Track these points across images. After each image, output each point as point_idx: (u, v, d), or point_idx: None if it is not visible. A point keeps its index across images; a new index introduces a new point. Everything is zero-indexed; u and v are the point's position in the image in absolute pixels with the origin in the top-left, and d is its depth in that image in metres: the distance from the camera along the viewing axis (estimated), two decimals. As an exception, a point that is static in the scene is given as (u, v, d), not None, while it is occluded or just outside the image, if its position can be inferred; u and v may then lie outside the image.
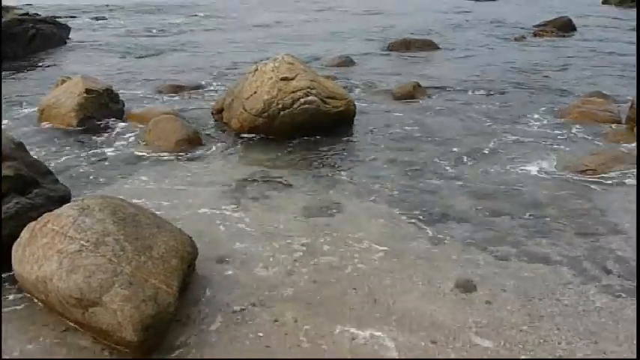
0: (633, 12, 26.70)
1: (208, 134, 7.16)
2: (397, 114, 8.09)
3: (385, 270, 3.91)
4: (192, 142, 6.71)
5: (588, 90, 9.62)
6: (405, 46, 14.73)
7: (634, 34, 18.38)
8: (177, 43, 15.67)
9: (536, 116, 8.01)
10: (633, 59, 13.38)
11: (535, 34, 18.36)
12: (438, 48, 14.60)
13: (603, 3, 31.01)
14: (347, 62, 12.36)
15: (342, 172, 5.86)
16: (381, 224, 4.61)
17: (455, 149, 6.57)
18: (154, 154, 6.38)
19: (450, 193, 5.29)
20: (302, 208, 4.91)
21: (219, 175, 5.75)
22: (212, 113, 7.85)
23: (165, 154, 6.38)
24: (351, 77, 10.76)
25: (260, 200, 5.10)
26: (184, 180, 5.64)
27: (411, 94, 8.99)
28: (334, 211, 4.89)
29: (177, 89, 9.61)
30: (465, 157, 6.28)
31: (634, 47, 15.22)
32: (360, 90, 9.64)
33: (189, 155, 6.38)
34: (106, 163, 6.16)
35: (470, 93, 9.51)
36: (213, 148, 6.68)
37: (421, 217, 4.76)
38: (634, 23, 21.93)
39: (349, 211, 4.88)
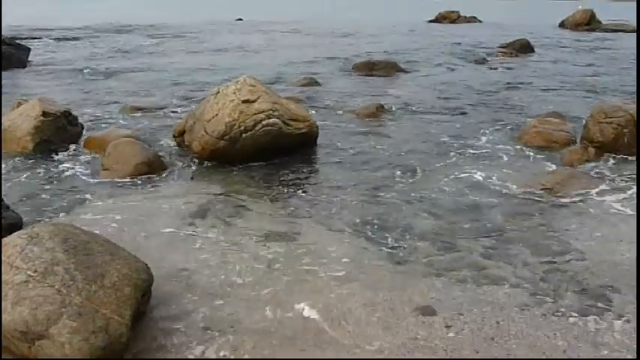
0: (587, 34, 27.82)
1: (169, 157, 7.07)
2: (360, 135, 8.16)
3: (344, 295, 3.87)
4: (153, 165, 6.60)
5: (545, 110, 9.91)
6: (369, 67, 14.93)
7: (588, 55, 19.11)
8: (141, 65, 15.55)
9: (494, 136, 8.19)
10: (587, 79, 13.89)
11: (495, 55, 18.90)
12: (401, 69, 14.85)
13: (560, 26, 32.24)
14: (312, 83, 12.45)
15: (304, 196, 5.83)
16: (341, 249, 4.57)
17: (416, 169, 6.64)
18: (112, 179, 6.25)
19: (412, 213, 5.31)
20: (263, 234, 4.84)
21: (180, 201, 5.64)
22: (174, 136, 7.76)
23: (124, 178, 6.25)
24: (316, 98, 10.83)
25: (220, 226, 5.02)
26: (143, 205, 5.52)
27: (375, 114, 9.10)
28: (295, 235, 4.84)
29: (138, 111, 9.49)
30: (426, 178, 6.34)
31: (588, 68, 15.81)
32: (324, 111, 9.70)
33: (148, 180, 6.27)
34: (62, 189, 6.00)
35: (431, 113, 9.67)
36: (174, 172, 6.59)
37: (382, 239, 4.76)
38: (588, 45, 22.81)
39: (310, 235, 4.84)
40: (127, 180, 6.21)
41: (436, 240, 4.75)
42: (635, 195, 5.80)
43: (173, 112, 9.64)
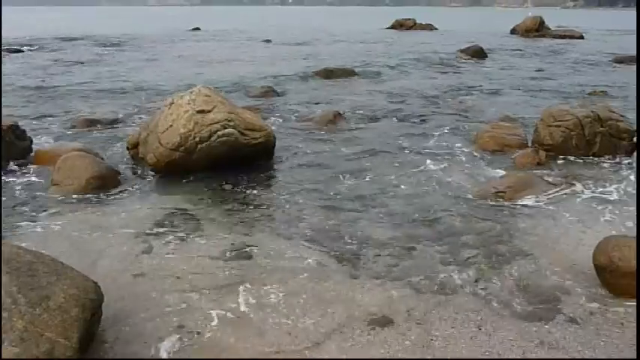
0: (537, 41, 28.73)
1: (123, 171, 6.89)
2: (318, 143, 8.15)
3: (301, 309, 3.83)
4: (105, 179, 6.41)
5: (498, 113, 10.16)
6: (327, 74, 15.04)
7: (538, 60, 19.74)
8: (94, 75, 15.20)
9: (450, 141, 8.32)
10: (537, 82, 14.34)
11: (450, 61, 19.33)
12: (360, 76, 14.99)
13: (511, 33, 33.23)
14: (270, 92, 12.41)
15: (262, 207, 5.74)
16: (299, 262, 4.50)
17: (373, 176, 6.68)
18: (62, 195, 6.03)
19: (369, 221, 5.32)
20: (219, 249, 4.71)
21: (133, 216, 5.48)
22: (127, 148, 7.58)
23: (75, 194, 6.04)
24: (274, 107, 10.80)
25: (175, 242, 4.88)
26: (95, 221, 5.34)
27: (332, 122, 9.12)
28: (253, 248, 4.74)
29: (91, 124, 9.23)
30: (383, 185, 6.37)
31: (538, 72, 16.32)
32: (281, 119, 9.67)
33: (101, 194, 6.08)
34: (9, 206, 5.75)
35: (388, 119, 9.77)
36: (128, 185, 6.42)
37: (339, 249, 4.72)
38: (537, 50, 23.57)
39: (267, 248, 4.75)
40: (78, 195, 6.00)
41: (393, 247, 4.76)
42: (581, 198, 5.98)
43: (127, 123, 9.42)
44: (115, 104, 11.01)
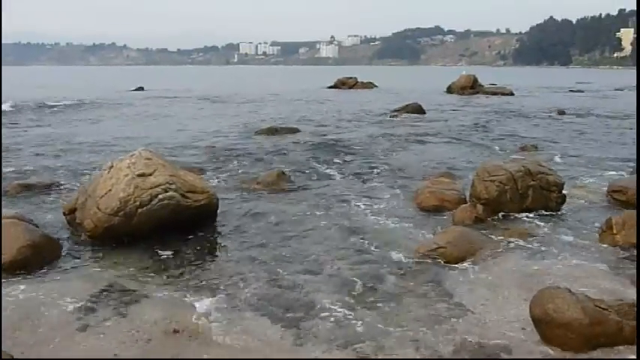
0: (471, 98, 30.30)
1: (58, 238, 6.59)
2: (261, 204, 8.14)
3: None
4: (39, 248, 6.09)
5: (437, 168, 10.54)
6: (272, 132, 15.25)
7: (473, 116, 20.73)
8: (29, 137, 14.75)
9: (391, 198, 8.52)
10: (474, 137, 15.03)
11: (390, 118, 20.05)
12: (302, 132, 15.29)
13: (447, 91, 34.95)
14: (214, 151, 12.41)
15: (204, 276, 5.55)
16: (243, 333, 4.39)
17: (316, 239, 6.65)
18: (-10, 266, 5.68)
19: (313, 287, 5.23)
20: (159, 327, 4.48)
21: (68, 290, 5.15)
22: (64, 214, 7.30)
23: (5, 266, 5.70)
24: (218, 167, 10.77)
25: (113, 318, 4.59)
26: (25, 298, 4.99)
27: (275, 182, 9.16)
28: (194, 322, 4.57)
29: (25, 189, 8.87)
30: (326, 247, 6.32)
31: (473, 128, 17.11)
32: (225, 180, 9.64)
33: (33, 266, 5.75)
34: None
35: (330, 177, 9.92)
36: (63, 254, 6.13)
37: (284, 318, 4.62)
38: (472, 107, 24.81)
39: (210, 322, 4.57)
40: (7, 267, 5.65)
41: (337, 313, 4.70)
42: (517, 252, 6.20)
43: (65, 187, 9.12)
44: (50, 168, 10.65)
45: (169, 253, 6.17)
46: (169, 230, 6.63)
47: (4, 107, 21.10)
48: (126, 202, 6.57)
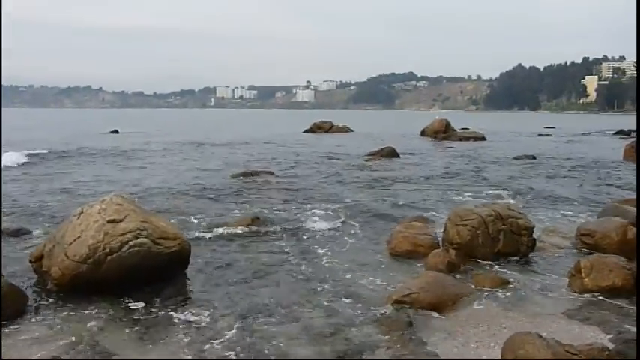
0: (444, 142, 30.90)
1: (23, 287, 6.38)
2: (234, 250, 8.07)
3: None
4: (3, 298, 5.92)
5: (411, 213, 10.61)
6: (247, 176, 15.25)
7: (445, 161, 21.12)
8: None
9: (363, 243, 8.55)
10: (446, 182, 15.27)
11: (365, 162, 20.28)
12: (278, 177, 15.32)
13: (421, 135, 35.66)
14: (189, 195, 12.34)
15: (175, 329, 5.39)
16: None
17: (290, 287, 6.56)
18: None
19: (285, 338, 5.13)
20: None
21: (32, 344, 4.96)
22: (30, 261, 7.10)
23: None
24: (192, 211, 10.67)
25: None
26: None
27: (249, 226, 9.12)
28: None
29: (-9, 236, 8.64)
30: (298, 297, 6.22)
31: (446, 172, 17.40)
32: (198, 225, 9.54)
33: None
34: None
35: (305, 222, 9.89)
36: (28, 305, 5.90)
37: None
38: (445, 152, 25.29)
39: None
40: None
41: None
42: (490, 298, 6.24)
43: (32, 234, 8.90)
44: (16, 215, 10.41)
45: (139, 303, 6.00)
46: (140, 278, 6.49)
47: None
48: (95, 248, 6.45)
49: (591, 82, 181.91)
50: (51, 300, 6.14)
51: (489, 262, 7.51)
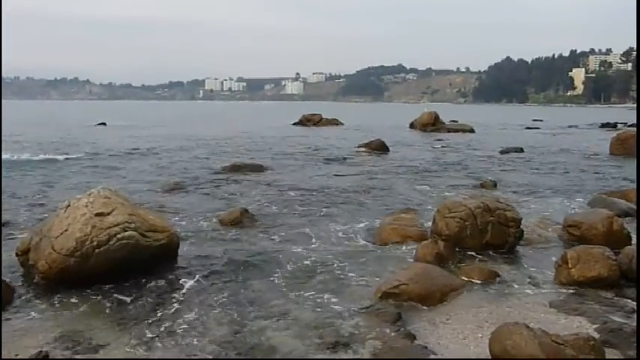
0: (433, 135, 30.97)
1: (9, 281, 6.32)
2: (222, 242, 8.05)
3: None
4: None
5: (400, 205, 10.65)
6: (236, 169, 15.20)
7: (434, 153, 21.20)
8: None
9: (352, 234, 8.56)
10: (435, 174, 15.33)
11: (355, 154, 20.28)
12: (266, 170, 15.28)
13: (410, 127, 35.72)
14: (180, 188, 12.28)
15: (163, 322, 5.36)
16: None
17: (278, 281, 6.55)
18: None
19: (274, 332, 5.12)
20: None
21: (20, 339, 4.93)
22: (17, 254, 7.04)
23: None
24: (180, 205, 10.63)
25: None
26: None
27: (238, 220, 9.08)
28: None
29: (-24, 229, 8.54)
30: (287, 289, 6.23)
31: (434, 164, 17.46)
32: (187, 218, 9.49)
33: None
34: None
35: (293, 214, 9.90)
36: (15, 300, 5.85)
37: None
38: (434, 144, 25.35)
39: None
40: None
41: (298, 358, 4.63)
42: (477, 289, 6.28)
43: (18, 227, 8.81)
44: (4, 206, 10.31)
45: (127, 296, 5.97)
46: (128, 271, 6.45)
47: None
48: (82, 242, 6.40)
49: (578, 75, 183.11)
50: (38, 293, 6.10)
51: (477, 254, 7.54)
